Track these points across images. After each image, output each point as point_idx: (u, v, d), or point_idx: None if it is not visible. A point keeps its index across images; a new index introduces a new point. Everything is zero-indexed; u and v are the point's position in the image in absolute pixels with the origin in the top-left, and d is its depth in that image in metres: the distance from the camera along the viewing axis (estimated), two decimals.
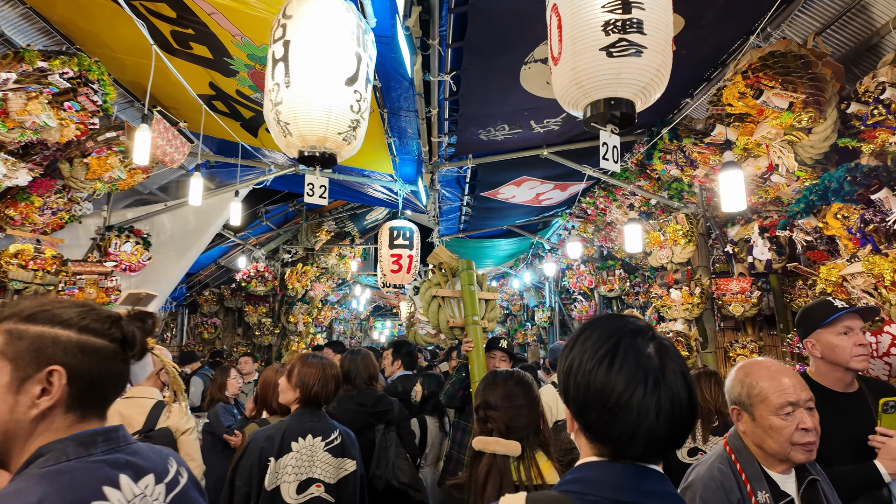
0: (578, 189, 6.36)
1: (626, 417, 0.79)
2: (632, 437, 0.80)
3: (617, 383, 0.80)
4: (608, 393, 0.81)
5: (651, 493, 0.82)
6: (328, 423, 2.44)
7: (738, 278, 4.25)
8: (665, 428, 0.79)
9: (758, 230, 4.10)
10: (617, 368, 0.81)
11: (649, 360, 0.82)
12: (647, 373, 0.81)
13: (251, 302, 9.80)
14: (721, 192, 3.01)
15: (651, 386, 0.80)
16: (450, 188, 5.85)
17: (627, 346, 0.83)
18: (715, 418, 2.88)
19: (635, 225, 4.36)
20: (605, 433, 0.83)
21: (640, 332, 0.86)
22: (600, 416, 0.82)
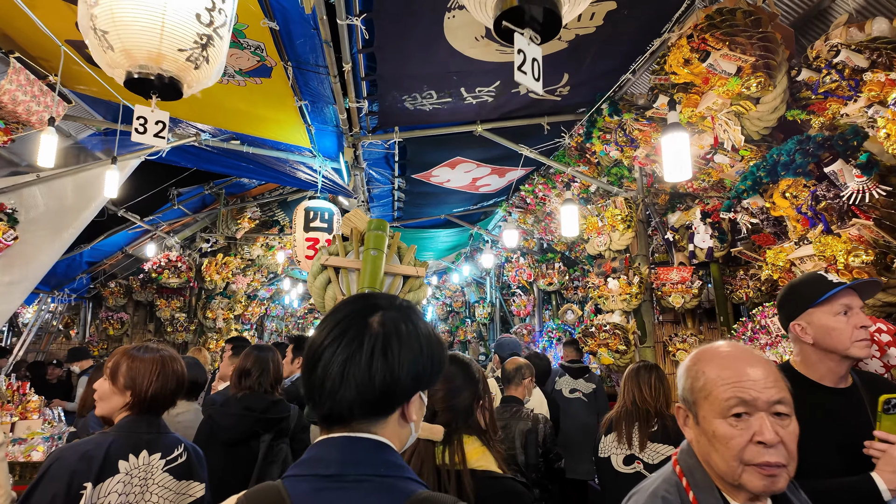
0: (516, 176, 5.99)
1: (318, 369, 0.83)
2: (314, 389, 0.84)
3: (318, 336, 0.86)
4: (313, 344, 0.86)
5: None
6: (170, 436, 1.86)
7: (678, 267, 3.97)
8: (351, 391, 0.81)
9: (699, 215, 3.82)
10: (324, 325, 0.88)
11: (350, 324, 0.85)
12: (342, 333, 0.84)
13: (163, 295, 8.84)
14: (664, 159, 2.64)
15: (342, 345, 0.83)
16: (378, 168, 5.31)
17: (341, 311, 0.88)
18: (655, 421, 2.51)
19: (571, 206, 3.99)
20: (305, 384, 0.87)
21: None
22: (306, 366, 0.87)
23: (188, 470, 1.85)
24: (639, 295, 3.91)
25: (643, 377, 2.60)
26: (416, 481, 0.83)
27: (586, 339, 4.04)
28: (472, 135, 4.50)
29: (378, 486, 0.79)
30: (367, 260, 2.30)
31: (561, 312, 7.00)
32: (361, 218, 2.58)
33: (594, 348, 3.98)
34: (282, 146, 4.93)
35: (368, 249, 2.33)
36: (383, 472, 0.80)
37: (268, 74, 3.68)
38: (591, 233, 4.22)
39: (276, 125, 4.54)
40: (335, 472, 0.79)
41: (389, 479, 0.80)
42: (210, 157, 5.54)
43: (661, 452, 2.49)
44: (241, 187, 8.40)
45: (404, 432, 0.89)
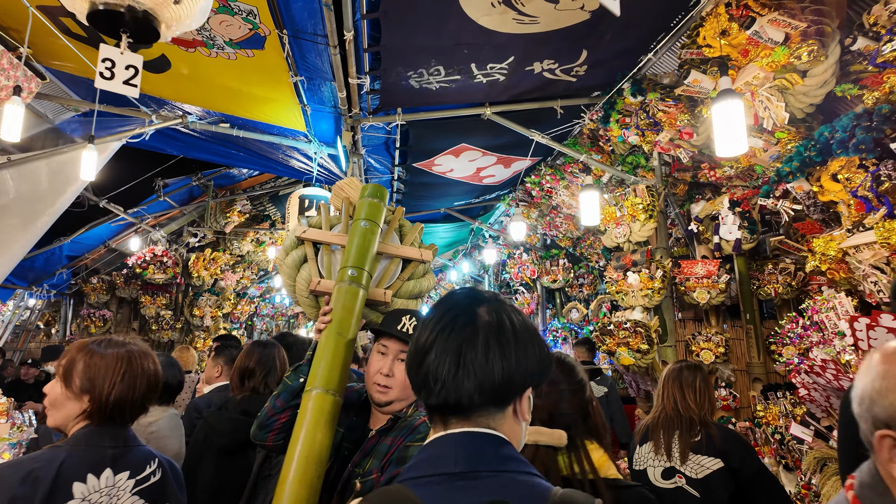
0: (523, 167, 5.69)
1: (428, 361, 0.82)
2: (427, 380, 0.81)
3: (424, 329, 0.85)
4: (419, 337, 0.86)
5: None
6: (140, 451, 1.53)
7: (703, 260, 3.69)
8: (468, 379, 0.78)
9: (727, 204, 3.55)
10: (429, 318, 0.86)
11: (457, 315, 0.84)
12: (451, 324, 0.82)
13: (148, 292, 8.45)
14: (716, 131, 2.34)
15: (454, 335, 0.81)
16: (377, 155, 4.99)
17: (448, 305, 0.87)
18: (698, 430, 2.22)
19: (591, 192, 3.70)
20: (414, 377, 0.86)
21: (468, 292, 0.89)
22: (413, 360, 0.86)
23: (163, 491, 1.53)
24: (661, 290, 3.63)
25: (686, 379, 2.30)
26: (542, 478, 0.77)
27: (604, 337, 3.75)
28: (480, 119, 4.19)
29: (510, 483, 0.74)
30: (355, 232, 1.71)
31: (566, 311, 6.73)
32: (356, 186, 2.06)
33: (612, 347, 3.69)
34: (275, 130, 4.60)
35: (358, 220, 1.75)
36: (513, 468, 0.75)
37: (260, 45, 3.35)
38: (608, 223, 3.93)
39: (268, 105, 4.21)
40: (463, 469, 0.74)
41: (522, 476, 0.75)
42: (196, 143, 5.19)
43: (707, 466, 2.20)
44: (231, 179, 8.03)
45: (518, 430, 0.84)
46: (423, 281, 2.02)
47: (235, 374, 2.49)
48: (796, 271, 3.62)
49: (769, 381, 3.81)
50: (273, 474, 2.37)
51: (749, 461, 2.14)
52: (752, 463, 2.15)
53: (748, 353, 3.84)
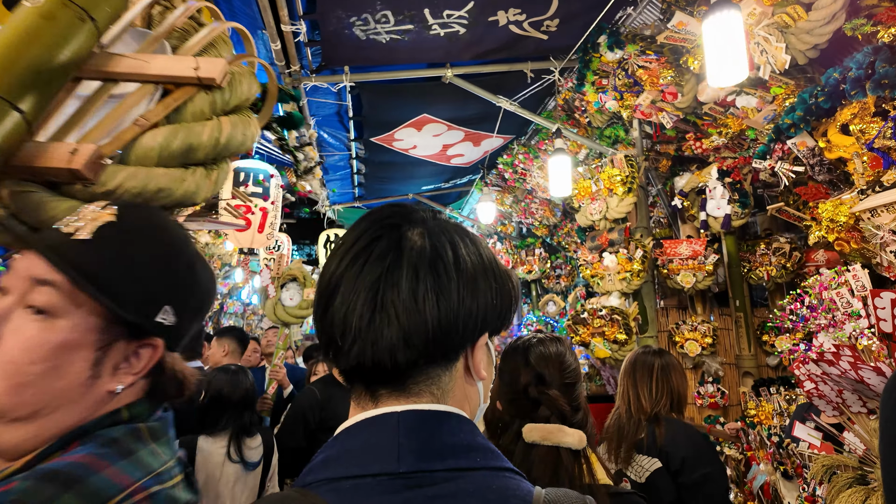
0: (494, 146, 5.23)
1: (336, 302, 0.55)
2: (334, 329, 0.55)
3: (334, 258, 0.57)
4: (327, 272, 0.57)
5: None
6: None
7: (688, 240, 3.26)
8: (385, 327, 0.53)
9: (716, 174, 3.13)
10: (342, 245, 0.58)
11: (375, 237, 0.57)
12: (367, 251, 0.56)
13: None
14: (707, 55, 1.89)
15: (370, 266, 0.55)
16: (330, 128, 4.49)
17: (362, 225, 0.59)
18: (644, 426, 1.91)
19: (562, 157, 3.24)
20: (319, 325, 0.57)
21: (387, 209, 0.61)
22: (319, 301, 0.57)
23: None
24: (641, 273, 3.19)
25: (641, 369, 1.98)
26: (516, 472, 0.55)
27: (577, 327, 3.30)
28: (441, 84, 3.72)
29: (478, 488, 0.51)
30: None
31: (542, 304, 6.28)
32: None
33: (586, 338, 3.25)
34: None
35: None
36: (479, 463, 0.53)
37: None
38: (583, 199, 3.49)
39: None
40: (410, 468, 0.50)
41: (491, 476, 0.52)
42: None
43: (646, 467, 1.85)
44: None
45: (473, 395, 0.61)
46: (207, 127, 1.06)
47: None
48: (791, 251, 3.22)
49: (760, 375, 3.40)
50: None
51: (693, 465, 1.82)
52: (697, 468, 1.82)
53: (737, 345, 3.43)
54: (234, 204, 3.77)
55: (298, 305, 3.46)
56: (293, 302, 3.48)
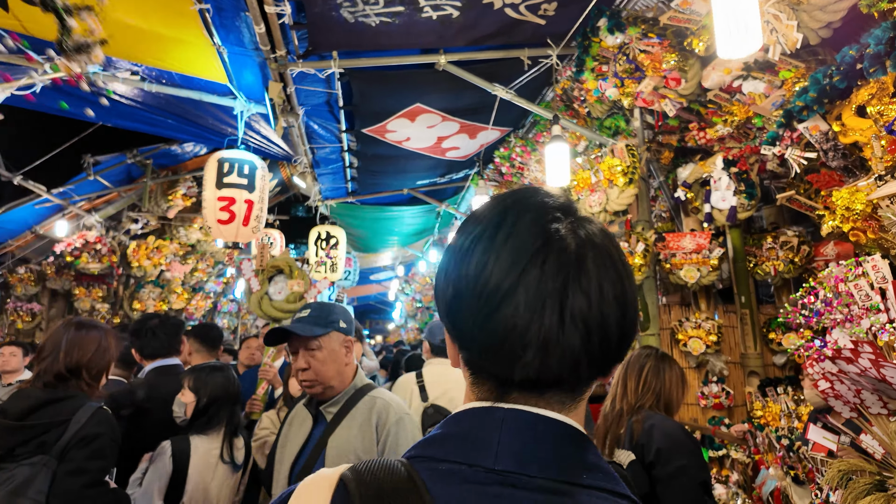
0: (491, 138, 5.09)
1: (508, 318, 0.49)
2: (509, 341, 0.49)
3: (501, 257, 0.50)
4: (483, 280, 0.51)
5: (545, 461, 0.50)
6: None
7: (692, 233, 3.12)
8: (577, 339, 0.49)
9: (721, 164, 2.98)
10: (502, 239, 0.51)
11: (552, 232, 0.51)
12: (545, 248, 0.50)
13: (83, 283, 7.64)
14: (717, 23, 1.74)
15: (552, 268, 0.49)
16: (320, 119, 4.33)
17: (519, 214, 0.53)
18: (626, 420, 1.93)
19: (560, 145, 3.09)
20: (478, 347, 0.52)
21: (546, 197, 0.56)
22: (473, 319, 0.51)
23: None
24: (643, 268, 3.04)
25: (633, 366, 2.00)
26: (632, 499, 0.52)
27: None
28: (435, 71, 3.57)
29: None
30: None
31: None
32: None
33: None
34: (194, 84, 3.90)
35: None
36: (590, 482, 0.50)
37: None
38: (581, 191, 3.34)
39: (179, 50, 3.52)
40: (507, 467, 0.50)
41: (603, 495, 0.50)
42: (114, 106, 4.47)
43: (621, 461, 1.84)
44: (173, 158, 7.27)
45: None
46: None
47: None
48: (800, 245, 3.08)
49: (767, 374, 3.26)
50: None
51: (668, 457, 1.78)
52: (672, 460, 1.78)
53: (743, 343, 3.29)
54: (218, 195, 3.62)
55: (286, 299, 3.28)
56: (281, 295, 3.31)
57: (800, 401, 2.92)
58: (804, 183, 2.39)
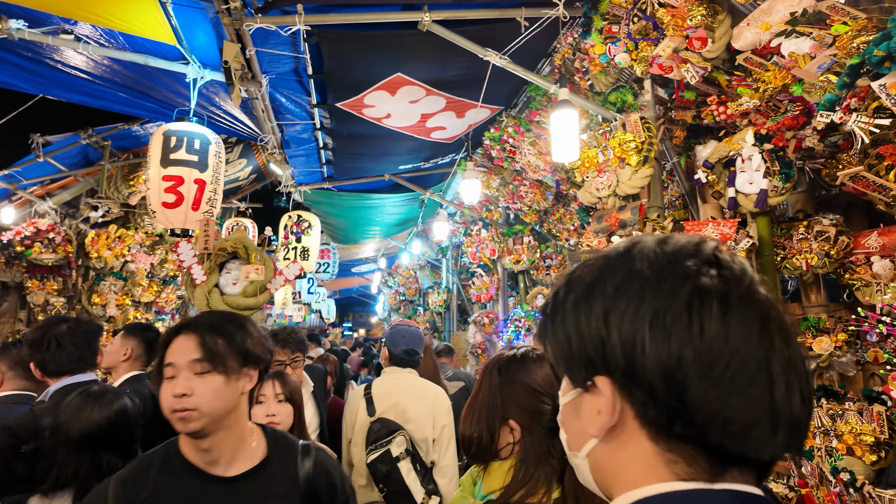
0: (480, 118, 4.61)
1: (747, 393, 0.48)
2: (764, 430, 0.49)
3: (735, 339, 0.48)
4: (729, 352, 0.48)
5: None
6: None
7: (715, 221, 2.69)
8: (805, 413, 0.51)
9: (752, 139, 2.55)
10: (735, 306, 0.50)
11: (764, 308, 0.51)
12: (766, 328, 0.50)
13: (35, 275, 7.02)
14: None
15: (779, 350, 0.49)
16: (287, 89, 3.81)
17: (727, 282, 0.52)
18: None
19: (567, 111, 2.62)
20: (719, 424, 0.48)
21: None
22: (700, 392, 0.48)
23: None
24: None
25: None
26: None
27: None
28: (418, 33, 3.08)
29: None
30: None
31: (530, 297, 5.71)
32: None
33: None
34: (139, 45, 3.36)
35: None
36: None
37: None
38: (587, 172, 2.89)
39: (119, 4, 2.98)
40: None
41: None
42: (50, 74, 3.90)
43: None
44: (135, 140, 6.67)
45: None
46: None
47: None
48: (837, 236, 2.66)
49: None
50: None
51: None
52: None
53: None
54: (163, 174, 3.09)
55: (244, 292, 2.75)
56: (236, 287, 2.77)
57: (837, 416, 2.52)
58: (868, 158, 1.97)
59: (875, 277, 2.59)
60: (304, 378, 2.52)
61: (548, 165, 4.58)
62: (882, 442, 2.32)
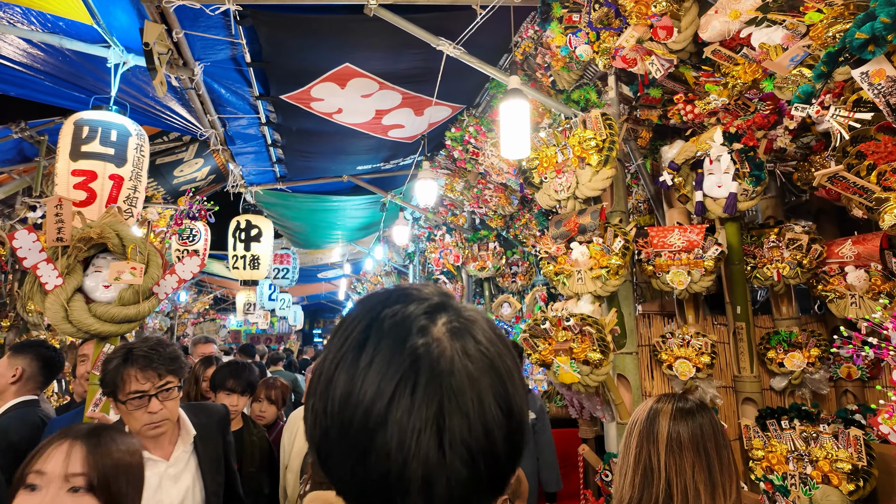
0: (440, 115, 4.36)
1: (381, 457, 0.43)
2: (388, 483, 0.43)
3: (364, 386, 0.44)
4: (347, 416, 0.45)
5: None
6: None
7: (681, 227, 2.48)
8: (462, 467, 0.43)
9: (720, 139, 2.35)
10: (365, 364, 0.45)
11: (420, 350, 0.45)
12: (413, 370, 0.44)
13: None
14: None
15: (423, 392, 0.43)
16: (226, 79, 3.48)
17: (382, 332, 0.47)
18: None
19: (518, 102, 2.37)
20: (355, 493, 0.46)
21: (412, 302, 0.50)
22: (343, 461, 0.45)
23: None
24: (621, 270, 2.38)
25: (687, 438, 1.12)
26: None
27: (536, 341, 2.46)
28: (365, 19, 2.80)
29: None
30: None
31: (496, 305, 5.47)
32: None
33: (548, 357, 2.41)
34: (51, 24, 2.99)
35: None
36: None
37: None
38: (545, 172, 2.65)
39: None
40: None
41: None
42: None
43: None
44: None
45: None
46: None
47: None
48: (810, 244, 2.48)
49: (764, 401, 2.67)
50: None
51: None
52: None
53: (736, 363, 2.68)
54: (72, 168, 2.73)
55: (121, 298, 2.03)
56: (110, 293, 2.04)
57: (812, 438, 2.33)
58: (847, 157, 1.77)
59: (849, 289, 2.42)
60: (182, 421, 1.73)
61: (511, 168, 4.35)
62: (860, 469, 2.12)
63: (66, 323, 1.97)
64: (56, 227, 1.99)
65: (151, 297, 2.08)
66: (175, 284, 2.14)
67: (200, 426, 1.76)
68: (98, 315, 1.97)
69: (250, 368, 2.59)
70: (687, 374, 2.46)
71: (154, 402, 1.57)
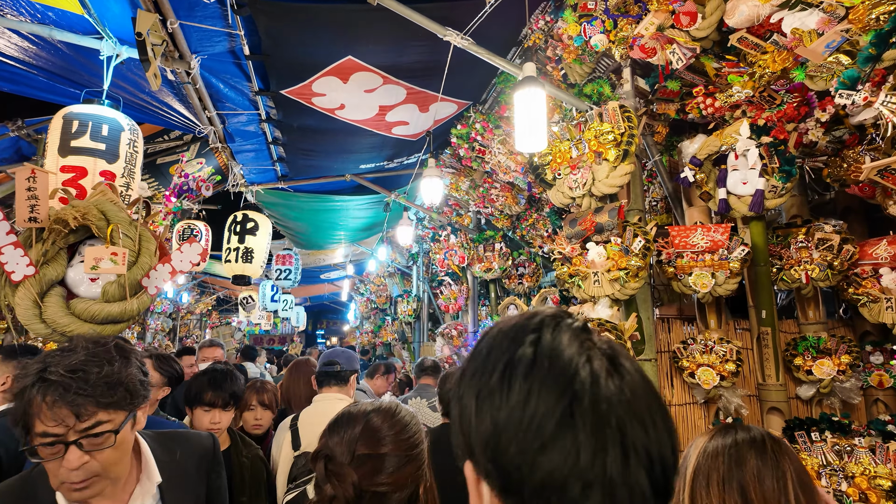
0: (446, 112, 4.22)
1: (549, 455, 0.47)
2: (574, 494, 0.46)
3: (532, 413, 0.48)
4: (518, 417, 0.48)
5: None
6: None
7: (705, 226, 2.33)
8: (643, 473, 0.47)
9: (747, 132, 2.20)
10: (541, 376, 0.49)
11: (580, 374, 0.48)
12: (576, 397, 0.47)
13: None
14: None
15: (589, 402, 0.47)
16: (224, 73, 3.35)
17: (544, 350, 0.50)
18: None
19: (533, 90, 2.23)
20: (529, 490, 0.47)
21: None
22: (523, 457, 0.48)
23: None
24: (641, 272, 2.23)
25: (755, 478, 0.95)
26: None
27: None
28: (367, 8, 2.67)
29: None
30: None
31: (502, 308, 5.32)
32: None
33: None
34: (40, 14, 2.87)
35: None
36: None
37: None
38: (559, 168, 2.51)
39: None
40: None
41: None
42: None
43: None
44: None
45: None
46: None
47: None
48: (842, 244, 2.33)
49: (790, 411, 2.52)
50: None
51: None
52: None
53: (761, 371, 2.53)
54: (61, 164, 2.60)
55: (105, 293, 1.79)
56: (94, 286, 1.81)
57: (845, 452, 2.17)
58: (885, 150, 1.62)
59: (884, 292, 2.27)
60: (143, 458, 1.19)
61: (519, 166, 4.21)
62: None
63: (38, 322, 1.72)
64: (28, 204, 1.67)
65: (141, 292, 1.86)
66: (168, 276, 1.91)
67: (171, 466, 1.22)
68: (77, 313, 1.72)
69: (234, 376, 2.15)
70: (710, 382, 2.31)
71: (73, 453, 0.98)
